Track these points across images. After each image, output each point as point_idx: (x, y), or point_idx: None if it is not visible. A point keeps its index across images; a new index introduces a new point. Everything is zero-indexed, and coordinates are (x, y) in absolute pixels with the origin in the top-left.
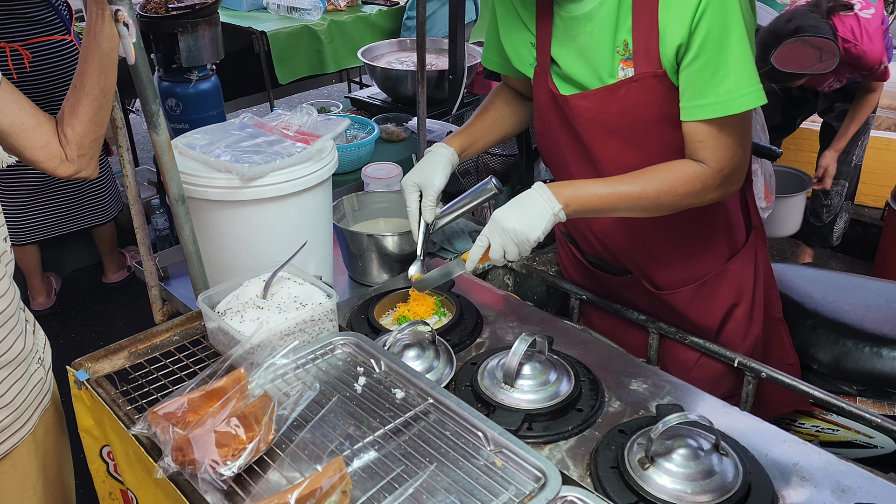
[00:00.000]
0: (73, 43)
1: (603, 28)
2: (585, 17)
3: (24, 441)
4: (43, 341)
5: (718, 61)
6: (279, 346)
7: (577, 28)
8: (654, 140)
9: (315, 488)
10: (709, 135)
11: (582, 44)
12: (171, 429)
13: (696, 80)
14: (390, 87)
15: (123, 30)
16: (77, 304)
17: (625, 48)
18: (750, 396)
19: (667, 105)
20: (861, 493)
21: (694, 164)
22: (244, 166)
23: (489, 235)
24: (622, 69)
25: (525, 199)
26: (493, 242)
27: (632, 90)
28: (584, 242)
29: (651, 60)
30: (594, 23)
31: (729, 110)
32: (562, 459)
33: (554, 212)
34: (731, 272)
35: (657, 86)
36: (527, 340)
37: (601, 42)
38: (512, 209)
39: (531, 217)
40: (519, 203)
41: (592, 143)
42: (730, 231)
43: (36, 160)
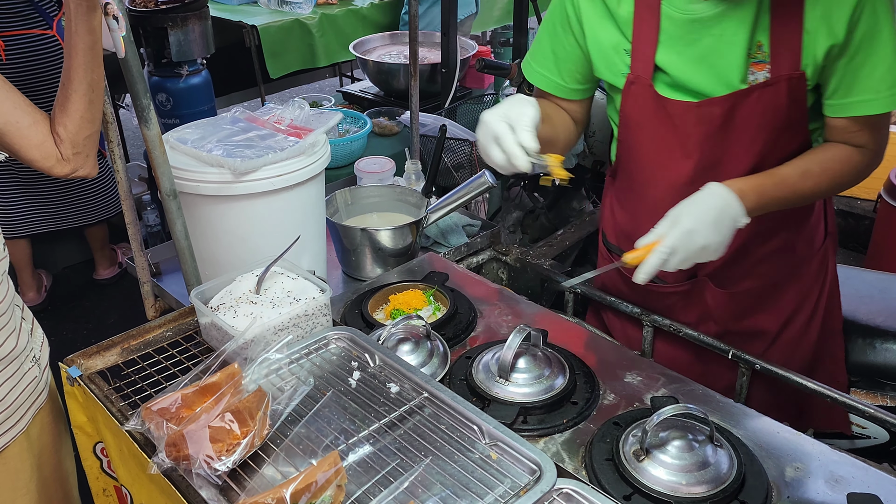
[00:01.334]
0: (56, 38)
1: (738, 29)
2: (713, 18)
3: (16, 440)
4: (41, 340)
5: (876, 57)
6: (273, 341)
7: (700, 31)
8: (774, 149)
9: (310, 483)
10: (866, 123)
11: (704, 48)
12: (165, 424)
13: (852, 77)
14: (382, 81)
15: (113, 23)
16: (68, 301)
17: (758, 50)
18: (744, 388)
19: (793, 110)
20: (855, 482)
21: (850, 148)
22: (236, 161)
23: (676, 247)
24: (752, 73)
25: (718, 212)
26: (678, 254)
27: (764, 95)
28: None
29: (790, 62)
30: (725, 24)
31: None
32: (557, 452)
33: (739, 224)
34: (802, 276)
35: (790, 89)
36: (521, 334)
37: (733, 45)
38: (706, 223)
39: (724, 234)
40: (710, 214)
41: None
42: (810, 234)
43: (31, 159)
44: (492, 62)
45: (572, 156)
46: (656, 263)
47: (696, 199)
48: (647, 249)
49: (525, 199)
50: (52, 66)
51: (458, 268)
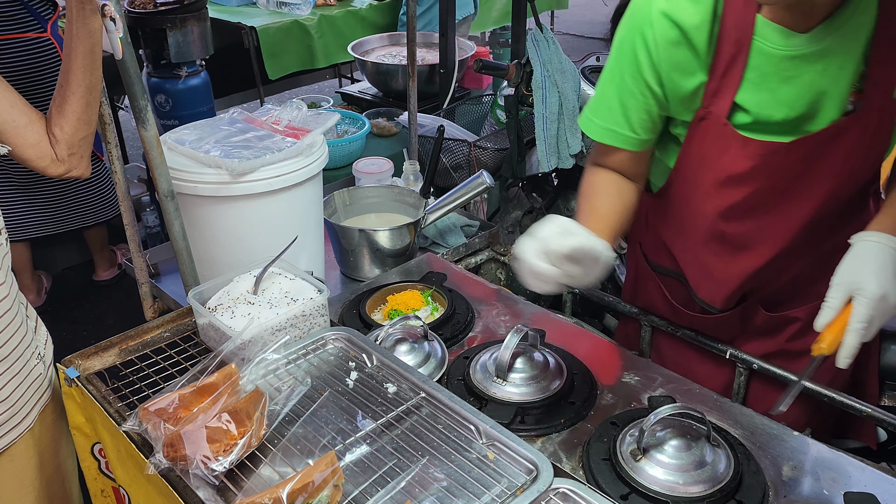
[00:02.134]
0: (51, 41)
1: (846, 62)
2: (817, 53)
3: (23, 437)
4: (45, 337)
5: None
6: (270, 341)
7: (801, 67)
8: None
9: (307, 483)
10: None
11: (805, 84)
12: (163, 425)
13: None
14: (381, 82)
15: (110, 24)
16: (68, 302)
17: (861, 80)
18: (742, 388)
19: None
20: (852, 482)
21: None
22: (234, 161)
23: (873, 318)
24: (851, 103)
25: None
26: (876, 323)
27: (859, 125)
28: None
29: (886, 91)
30: (831, 59)
31: None
32: (554, 452)
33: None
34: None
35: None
36: (519, 334)
37: (839, 79)
38: (887, 278)
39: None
40: (889, 270)
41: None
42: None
43: (26, 158)
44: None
45: (570, 156)
46: (856, 342)
47: (862, 256)
48: (837, 330)
49: (523, 199)
50: (47, 69)
51: (457, 268)
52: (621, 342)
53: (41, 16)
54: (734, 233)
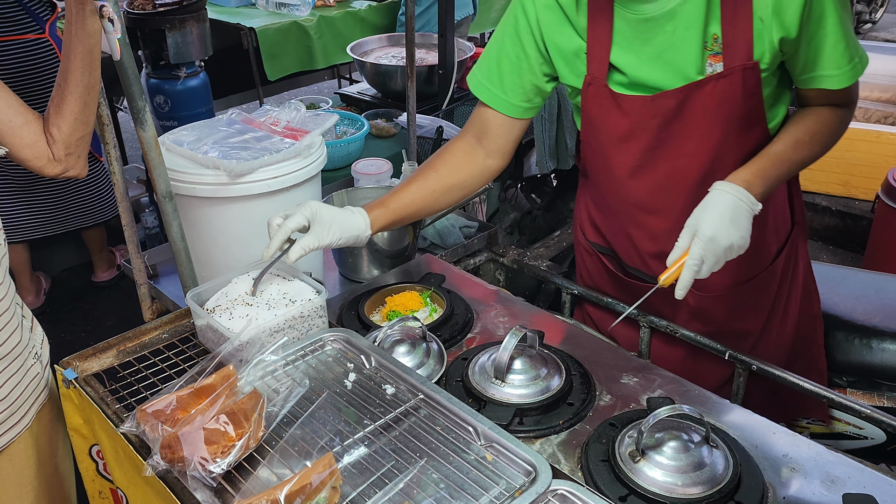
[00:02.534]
0: (49, 42)
1: (690, 24)
2: (666, 15)
3: (21, 436)
4: (41, 337)
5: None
6: (268, 342)
7: (654, 29)
8: (731, 139)
9: (305, 484)
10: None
11: (660, 45)
12: (160, 426)
13: (814, 57)
14: (380, 83)
15: (108, 25)
16: (66, 303)
17: (714, 42)
18: (741, 389)
19: (751, 99)
20: (851, 483)
21: (828, 108)
22: (232, 162)
23: (704, 256)
24: (710, 65)
25: (731, 209)
26: (707, 262)
27: (719, 85)
28: (629, 255)
29: (742, 53)
30: (678, 20)
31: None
32: (553, 453)
33: (755, 211)
34: (776, 271)
35: (745, 80)
36: (517, 335)
37: (688, 39)
38: (723, 223)
39: (743, 227)
40: (725, 214)
41: (660, 148)
42: (776, 226)
43: (23, 158)
44: None
45: (569, 157)
46: (690, 277)
47: (707, 203)
48: (677, 266)
49: (522, 200)
50: (46, 70)
51: (455, 269)
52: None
53: (39, 17)
54: (641, 196)
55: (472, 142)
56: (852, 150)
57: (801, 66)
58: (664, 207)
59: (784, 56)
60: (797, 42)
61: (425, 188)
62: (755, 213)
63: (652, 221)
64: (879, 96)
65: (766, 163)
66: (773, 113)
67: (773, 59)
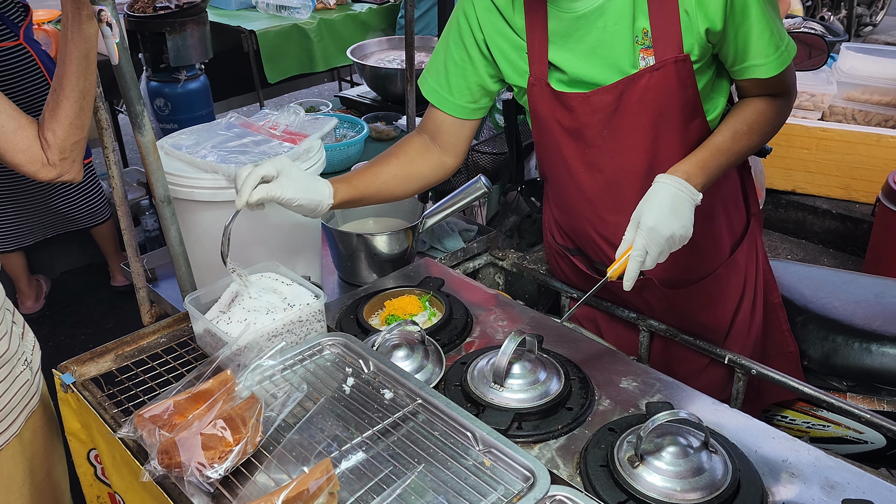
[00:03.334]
0: (25, 48)
1: (619, 19)
2: (595, 12)
3: (10, 443)
4: (31, 343)
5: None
6: (266, 347)
7: (586, 26)
8: (670, 133)
9: (302, 490)
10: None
11: (593, 41)
12: (158, 431)
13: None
14: (380, 86)
15: (107, 30)
16: (66, 306)
17: (644, 36)
18: (740, 393)
19: (686, 91)
20: (850, 488)
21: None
22: (230, 166)
23: (647, 246)
24: (643, 58)
25: (671, 200)
26: (651, 252)
27: (653, 78)
28: (594, 252)
29: (673, 46)
30: (607, 16)
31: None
32: (551, 458)
33: (696, 202)
34: (738, 263)
35: (678, 72)
36: (516, 339)
37: (618, 34)
38: (663, 213)
39: (685, 216)
40: (665, 205)
41: (605, 144)
42: (729, 219)
43: (17, 164)
44: None
45: None
46: (635, 268)
47: (649, 195)
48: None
49: (522, 203)
50: (25, 76)
51: (454, 273)
52: (619, 348)
53: (13, 22)
54: (595, 193)
55: (427, 140)
56: (853, 154)
57: (731, 58)
58: (616, 203)
59: (714, 48)
60: (724, 34)
61: (387, 172)
62: (696, 202)
63: (608, 217)
64: (880, 99)
65: (706, 154)
66: (712, 104)
67: (702, 51)
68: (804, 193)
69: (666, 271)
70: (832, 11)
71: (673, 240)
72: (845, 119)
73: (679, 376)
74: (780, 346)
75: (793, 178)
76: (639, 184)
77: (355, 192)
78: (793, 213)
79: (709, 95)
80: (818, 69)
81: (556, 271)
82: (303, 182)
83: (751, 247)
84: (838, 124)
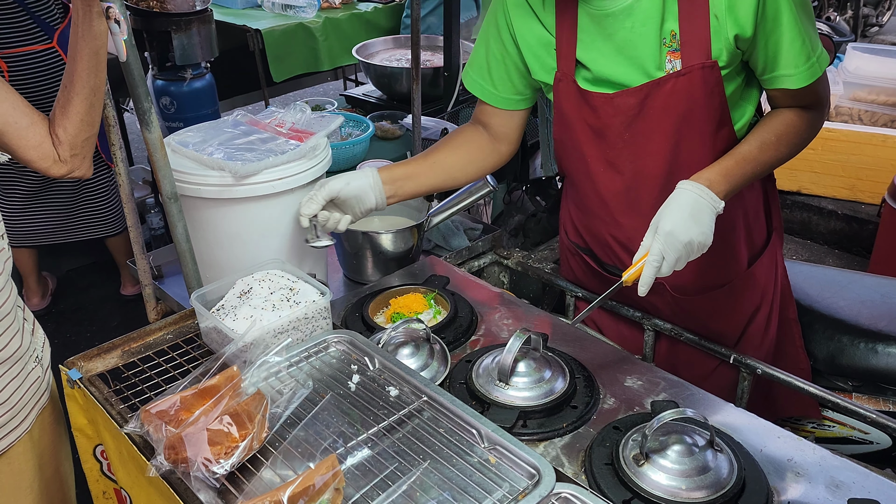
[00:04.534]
0: (57, 52)
1: (647, 20)
2: (624, 11)
3: (21, 440)
4: (42, 340)
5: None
6: (272, 343)
7: (615, 25)
8: (694, 139)
9: (308, 486)
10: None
11: (621, 40)
12: (164, 427)
13: (773, 56)
14: (385, 85)
15: (115, 27)
16: (72, 303)
17: (672, 38)
18: (745, 393)
19: (713, 99)
20: (855, 488)
21: (796, 110)
22: (237, 164)
23: (664, 252)
24: (669, 61)
25: (691, 206)
26: (668, 258)
27: (679, 84)
28: (606, 253)
29: (701, 51)
30: (635, 16)
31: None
32: (556, 456)
33: (718, 210)
34: (756, 276)
35: (705, 78)
36: (521, 337)
37: (645, 35)
38: (682, 220)
39: (705, 223)
40: (685, 210)
41: (626, 146)
42: (749, 232)
43: (29, 160)
44: None
45: None
46: (651, 274)
47: (669, 200)
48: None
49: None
50: (54, 79)
51: (460, 271)
52: (624, 347)
53: (49, 25)
54: (613, 195)
55: (480, 129)
56: (858, 154)
57: (761, 66)
58: (633, 206)
59: (744, 55)
60: (754, 41)
61: (441, 157)
62: (718, 211)
63: (623, 220)
64: (886, 100)
65: (731, 162)
66: (740, 113)
67: (731, 58)
68: (810, 194)
69: (680, 277)
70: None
71: (691, 246)
72: (851, 119)
73: (684, 375)
74: (792, 362)
75: (798, 179)
76: (657, 189)
77: (407, 169)
78: (798, 213)
79: (737, 103)
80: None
81: (564, 269)
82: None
83: (770, 262)
84: (844, 125)
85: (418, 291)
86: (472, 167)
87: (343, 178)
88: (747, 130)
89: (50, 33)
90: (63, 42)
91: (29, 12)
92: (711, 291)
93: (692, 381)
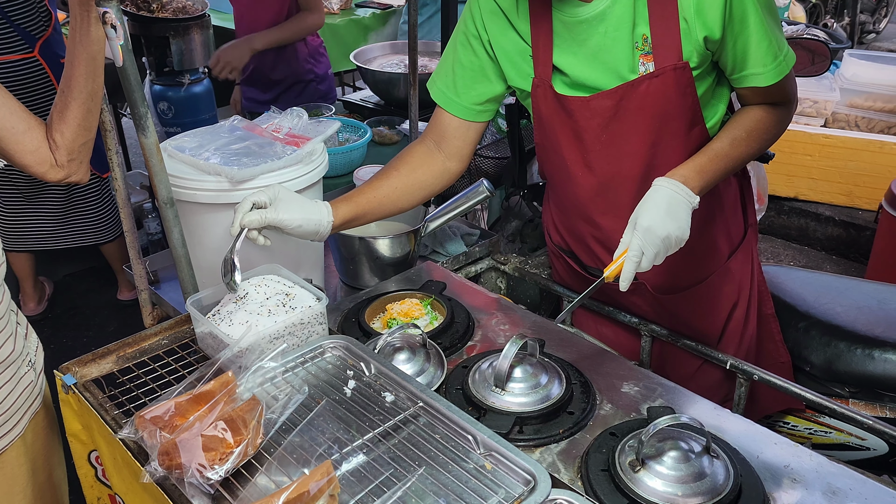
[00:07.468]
0: (38, 61)
1: (619, 25)
2: (597, 17)
3: (14, 444)
4: (35, 344)
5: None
6: (268, 349)
7: (588, 31)
8: (669, 139)
9: (303, 492)
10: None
11: (595, 46)
12: (158, 433)
13: (741, 56)
14: (383, 90)
15: (111, 32)
16: (69, 308)
17: (644, 42)
18: (742, 399)
19: (686, 99)
20: (852, 495)
21: (766, 107)
22: (233, 169)
23: (643, 247)
24: (642, 64)
25: (668, 202)
26: (647, 253)
27: (653, 85)
28: (586, 255)
29: (672, 53)
30: (608, 22)
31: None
32: (553, 462)
33: (693, 205)
34: (732, 271)
35: (677, 79)
36: (518, 343)
37: (618, 40)
38: (659, 215)
39: (681, 218)
40: (662, 207)
41: (603, 148)
42: (727, 228)
43: (25, 164)
44: None
45: None
46: (631, 269)
47: (646, 197)
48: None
49: (524, 208)
50: (34, 89)
51: (457, 277)
52: (620, 352)
53: (30, 35)
54: (591, 196)
55: (432, 146)
56: (856, 160)
57: (731, 66)
58: (611, 206)
59: (714, 56)
60: (722, 42)
61: (388, 185)
62: (694, 206)
63: (602, 220)
64: (883, 106)
65: (704, 159)
66: (711, 111)
67: (701, 59)
68: (807, 200)
69: (660, 276)
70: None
71: (669, 241)
72: (848, 126)
73: (674, 378)
74: (772, 357)
75: (795, 185)
76: (634, 189)
77: (357, 209)
78: (795, 219)
79: (709, 102)
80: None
81: (554, 272)
82: (298, 204)
83: (746, 256)
84: (841, 131)
85: (415, 297)
86: (420, 193)
87: (297, 217)
88: (719, 128)
89: (31, 43)
90: (45, 52)
91: (9, 21)
92: (692, 288)
93: (679, 382)
